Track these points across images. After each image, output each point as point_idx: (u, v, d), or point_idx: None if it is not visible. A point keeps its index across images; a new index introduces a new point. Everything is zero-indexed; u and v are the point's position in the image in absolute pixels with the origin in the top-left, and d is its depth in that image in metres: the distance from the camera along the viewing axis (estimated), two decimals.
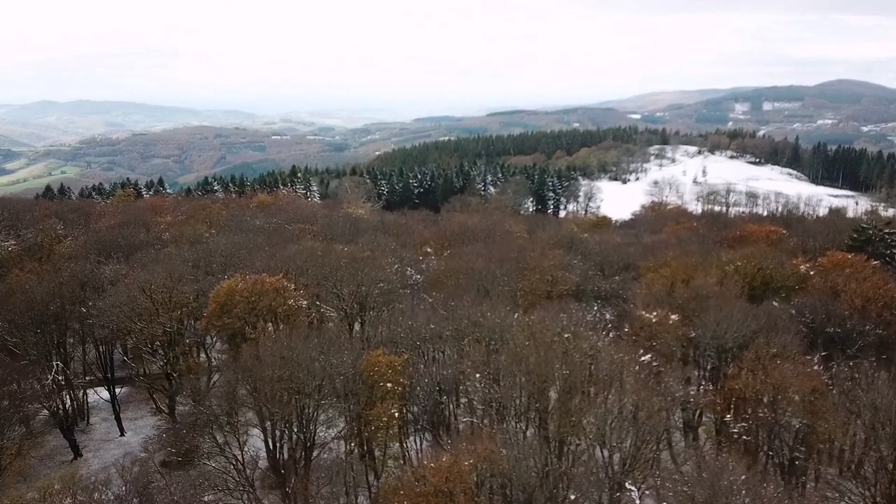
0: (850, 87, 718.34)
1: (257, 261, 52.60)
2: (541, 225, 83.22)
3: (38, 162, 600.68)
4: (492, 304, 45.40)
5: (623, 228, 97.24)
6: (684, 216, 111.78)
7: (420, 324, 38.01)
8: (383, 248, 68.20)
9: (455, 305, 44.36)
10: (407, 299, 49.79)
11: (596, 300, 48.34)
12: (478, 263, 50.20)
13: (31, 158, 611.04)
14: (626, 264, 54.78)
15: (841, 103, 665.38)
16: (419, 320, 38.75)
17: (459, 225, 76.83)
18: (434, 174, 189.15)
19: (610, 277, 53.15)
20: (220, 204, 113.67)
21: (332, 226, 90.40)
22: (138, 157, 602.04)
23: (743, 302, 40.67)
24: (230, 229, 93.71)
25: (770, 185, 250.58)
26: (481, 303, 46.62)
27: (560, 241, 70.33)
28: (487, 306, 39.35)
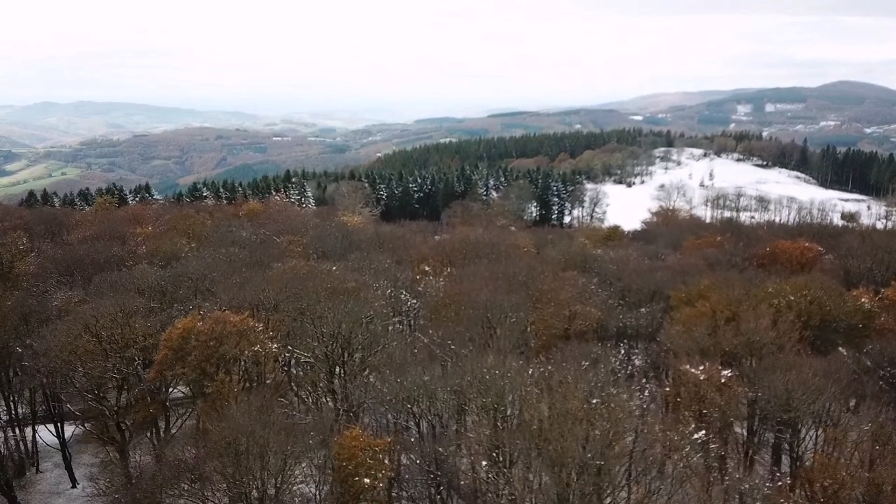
0: (853, 89, 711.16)
1: (224, 291, 44.98)
2: (549, 239, 75.76)
3: (39, 163, 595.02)
4: (498, 346, 37.91)
5: (636, 240, 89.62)
6: (701, 227, 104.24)
7: (411, 380, 30.59)
8: (376, 267, 60.81)
9: (455, 348, 36.91)
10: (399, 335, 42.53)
11: (621, 340, 41.03)
12: (482, 293, 42.67)
13: (32, 160, 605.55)
14: (653, 292, 47.33)
15: (843, 105, 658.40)
16: (410, 374, 31.31)
17: (461, 241, 69.29)
18: (434, 178, 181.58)
19: (634, 309, 45.71)
20: (206, 213, 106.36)
21: (323, 238, 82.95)
22: (139, 159, 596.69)
23: (808, 351, 33.28)
24: (213, 242, 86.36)
25: (779, 188, 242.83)
26: (487, 344, 39.13)
27: (572, 259, 62.82)
28: (494, 356, 31.87)
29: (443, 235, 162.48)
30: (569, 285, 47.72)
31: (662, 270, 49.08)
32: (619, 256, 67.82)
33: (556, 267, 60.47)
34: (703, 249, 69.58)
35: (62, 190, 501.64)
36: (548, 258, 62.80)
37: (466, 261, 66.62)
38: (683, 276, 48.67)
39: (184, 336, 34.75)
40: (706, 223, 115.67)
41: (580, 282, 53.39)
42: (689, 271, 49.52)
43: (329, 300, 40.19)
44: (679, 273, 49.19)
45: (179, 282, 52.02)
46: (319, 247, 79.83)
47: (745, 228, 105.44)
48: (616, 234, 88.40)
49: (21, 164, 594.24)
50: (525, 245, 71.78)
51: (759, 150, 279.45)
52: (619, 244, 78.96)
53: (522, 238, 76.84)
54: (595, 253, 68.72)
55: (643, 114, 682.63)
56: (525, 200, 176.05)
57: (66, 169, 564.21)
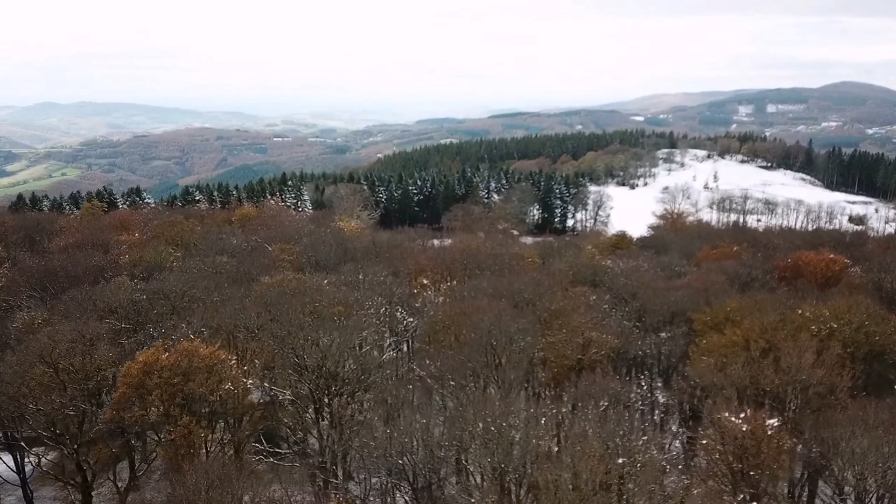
0: (855, 90, 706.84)
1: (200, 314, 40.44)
2: (555, 248, 71.15)
3: (39, 164, 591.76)
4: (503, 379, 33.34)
5: (645, 248, 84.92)
6: (712, 234, 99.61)
7: (404, 427, 26.05)
8: (370, 280, 56.24)
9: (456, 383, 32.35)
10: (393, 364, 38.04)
11: (640, 369, 36.53)
12: (485, 316, 38.06)
13: (32, 160, 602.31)
14: (672, 313, 42.75)
15: (845, 106, 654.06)
16: (404, 418, 26.77)
17: (462, 251, 64.69)
18: (435, 180, 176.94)
19: (653, 332, 41.12)
20: (197, 218, 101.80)
21: (317, 246, 78.39)
22: (139, 159, 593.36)
23: (860, 392, 28.76)
24: (202, 250, 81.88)
25: (784, 190, 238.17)
26: (491, 377, 34.57)
27: (580, 272, 58.32)
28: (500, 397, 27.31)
29: (443, 240, 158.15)
30: (580, 304, 43.16)
31: (683, 289, 44.32)
32: (629, 268, 63.24)
33: (563, 281, 55.99)
34: (720, 261, 64.99)
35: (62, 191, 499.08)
36: (554, 271, 58.29)
37: (467, 272, 62.13)
38: (706, 294, 44.07)
39: (145, 371, 30.25)
40: (716, 229, 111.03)
41: (591, 299, 48.95)
42: (712, 289, 44.89)
43: (314, 326, 35.67)
44: (701, 292, 44.57)
45: (155, 299, 47.52)
46: (313, 255, 75.31)
47: (759, 235, 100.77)
48: (624, 242, 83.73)
49: (21, 165, 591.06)
50: (529, 256, 67.22)
51: (764, 152, 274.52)
52: (628, 253, 74.28)
53: (527, 248, 72.23)
54: (605, 264, 64.17)
55: (644, 114, 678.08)
56: (527, 203, 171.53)
57: (66, 169, 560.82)
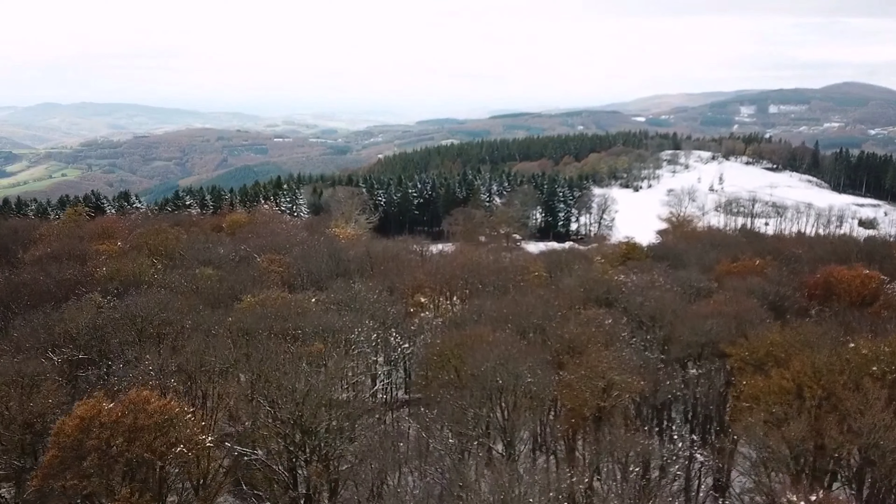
0: (857, 90, 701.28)
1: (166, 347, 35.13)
2: (563, 260, 65.72)
3: (40, 164, 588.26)
4: (512, 438, 27.97)
5: (657, 259, 79.43)
6: (725, 242, 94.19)
7: None
8: (362, 298, 50.85)
9: (455, 442, 26.97)
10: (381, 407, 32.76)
11: (670, 416, 31.20)
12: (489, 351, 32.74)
13: (32, 161, 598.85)
14: (702, 343, 37.40)
15: (847, 106, 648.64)
16: None
17: (462, 265, 59.32)
18: (435, 183, 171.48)
19: (681, 368, 35.79)
20: (185, 225, 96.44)
21: (309, 257, 73.03)
22: (140, 160, 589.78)
23: None
24: (187, 261, 76.61)
25: (791, 192, 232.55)
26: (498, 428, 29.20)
27: (593, 289, 52.95)
28: (507, 463, 22.00)
29: (443, 247, 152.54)
30: (596, 333, 37.82)
31: (713, 317, 38.77)
32: (645, 283, 57.85)
33: (574, 300, 50.65)
34: (743, 276, 59.62)
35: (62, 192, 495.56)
36: (564, 288, 52.92)
37: (469, 288, 56.89)
38: (739, 321, 38.75)
39: (82, 428, 25.02)
40: (730, 236, 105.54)
41: (607, 322, 43.60)
42: (745, 315, 39.52)
43: (290, 365, 30.35)
44: (732, 318, 39.20)
45: (120, 324, 42.20)
46: (304, 267, 70.02)
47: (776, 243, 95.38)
48: (635, 252, 78.25)
49: (21, 165, 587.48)
50: (535, 269, 61.88)
51: (769, 153, 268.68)
52: (640, 266, 68.83)
53: (531, 259, 66.86)
54: (618, 279, 58.76)
55: (646, 115, 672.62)
56: (530, 207, 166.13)
57: (67, 170, 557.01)
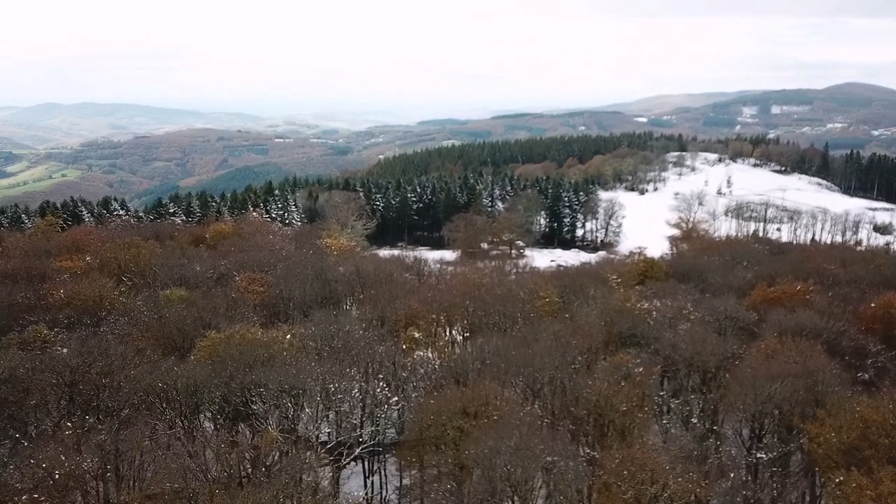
0: (859, 91, 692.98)
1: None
2: (576, 284, 57.55)
3: (40, 165, 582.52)
4: None
5: (678, 277, 71.37)
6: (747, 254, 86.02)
7: None
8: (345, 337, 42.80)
9: None
10: None
11: None
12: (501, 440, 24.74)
13: (33, 161, 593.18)
14: (764, 412, 29.26)
15: (850, 107, 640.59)
16: None
17: (462, 292, 51.24)
18: (435, 187, 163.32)
19: (744, 448, 27.82)
20: (163, 237, 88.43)
21: (293, 276, 65.03)
22: (140, 160, 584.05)
23: None
24: (160, 279, 68.69)
25: (800, 196, 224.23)
26: None
27: (615, 324, 44.93)
28: None
29: (443, 253, 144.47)
30: (630, 394, 29.84)
31: (778, 378, 30.32)
32: (672, 312, 49.86)
33: (596, 339, 42.63)
34: (783, 302, 51.59)
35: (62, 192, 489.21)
36: (581, 321, 44.83)
37: (471, 319, 48.84)
38: (811, 383, 30.63)
39: None
40: (750, 246, 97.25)
41: (637, 370, 35.65)
42: (818, 375, 31.32)
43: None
44: (801, 378, 30.97)
45: (41, 380, 34.01)
46: (286, 288, 62.00)
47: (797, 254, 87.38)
48: (654, 269, 70.18)
49: (22, 166, 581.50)
50: (546, 294, 53.80)
51: (778, 155, 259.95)
52: (663, 289, 60.81)
53: (542, 282, 58.73)
54: (643, 307, 50.70)
55: (647, 115, 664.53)
56: (533, 212, 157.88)
57: (67, 170, 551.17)
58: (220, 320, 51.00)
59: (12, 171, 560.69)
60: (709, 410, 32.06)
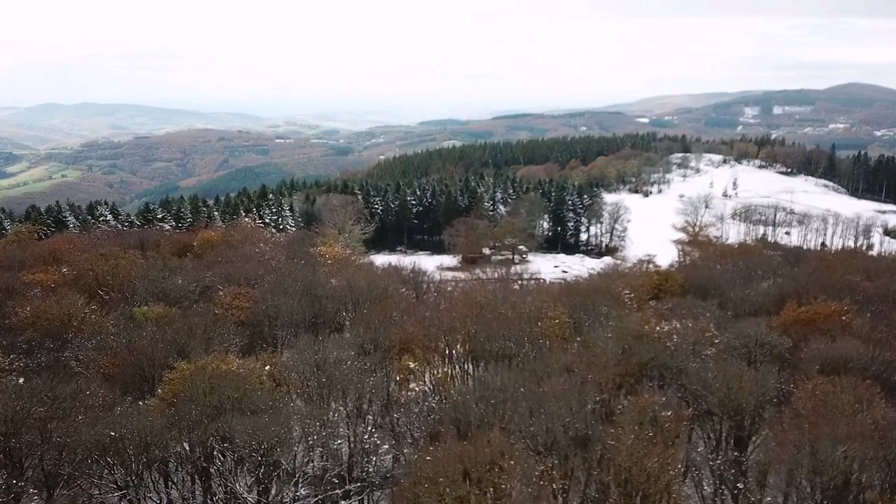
0: (861, 91, 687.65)
1: None
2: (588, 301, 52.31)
3: (40, 165, 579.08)
4: None
5: (693, 290, 66.23)
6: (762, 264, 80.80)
7: None
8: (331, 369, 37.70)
9: None
10: None
11: None
12: None
13: (33, 161, 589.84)
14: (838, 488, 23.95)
15: (852, 107, 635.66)
16: None
17: (464, 315, 46.06)
18: (435, 190, 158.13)
19: None
20: (149, 245, 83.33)
21: (281, 291, 59.94)
22: (140, 161, 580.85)
23: None
24: (139, 294, 63.59)
25: (807, 198, 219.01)
26: None
27: (634, 352, 39.80)
28: None
29: (443, 258, 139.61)
30: (664, 455, 24.82)
31: (848, 440, 24.97)
32: (695, 335, 44.68)
33: (613, 374, 37.50)
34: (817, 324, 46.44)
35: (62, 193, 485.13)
36: (598, 353, 39.66)
37: (472, 344, 43.72)
38: (882, 441, 25.45)
39: None
40: (765, 254, 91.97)
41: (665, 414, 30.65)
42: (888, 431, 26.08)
43: None
44: (869, 438, 25.60)
45: None
46: (273, 305, 56.84)
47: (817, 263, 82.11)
48: (668, 282, 65.02)
49: (22, 166, 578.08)
50: (556, 315, 48.63)
51: (783, 157, 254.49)
52: (681, 306, 55.66)
53: (550, 298, 53.53)
54: (662, 330, 45.49)
55: (649, 116, 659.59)
56: (536, 216, 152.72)
57: (67, 171, 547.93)
58: (196, 344, 45.94)
59: (12, 171, 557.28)
60: (753, 473, 26.93)
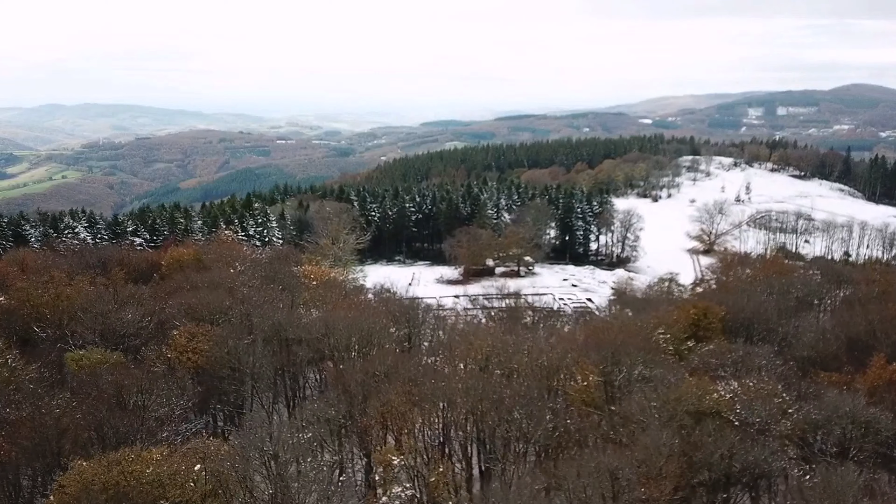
0: (866, 92, 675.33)
1: None
2: (619, 353, 41.36)
3: (40, 166, 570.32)
4: None
5: (735, 327, 55.25)
6: (814, 289, 69.89)
7: None
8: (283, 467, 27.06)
9: None
10: None
11: None
12: None
13: (33, 162, 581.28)
14: None
15: (857, 108, 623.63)
16: None
17: (467, 388, 34.86)
18: (436, 197, 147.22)
19: None
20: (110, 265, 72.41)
21: (244, 330, 49.10)
22: (141, 162, 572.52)
23: None
24: (78, 333, 52.83)
25: (823, 203, 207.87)
26: None
27: (697, 444, 29.00)
28: None
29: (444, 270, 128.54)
30: None
31: None
32: (760, 400, 33.80)
33: (674, 482, 26.59)
34: None
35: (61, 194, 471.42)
36: (648, 450, 28.76)
37: (480, 426, 32.88)
38: None
39: None
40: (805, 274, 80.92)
41: None
42: None
43: None
44: None
45: None
46: (234, 352, 45.99)
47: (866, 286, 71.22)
48: (708, 318, 54.01)
49: (22, 167, 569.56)
50: (585, 377, 37.75)
51: (797, 160, 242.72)
52: (728, 354, 44.76)
53: (573, 348, 42.56)
54: (721, 398, 34.53)
55: (652, 117, 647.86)
56: (543, 224, 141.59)
57: (68, 172, 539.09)
58: (123, 417, 35.28)
59: (13, 172, 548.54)
60: None
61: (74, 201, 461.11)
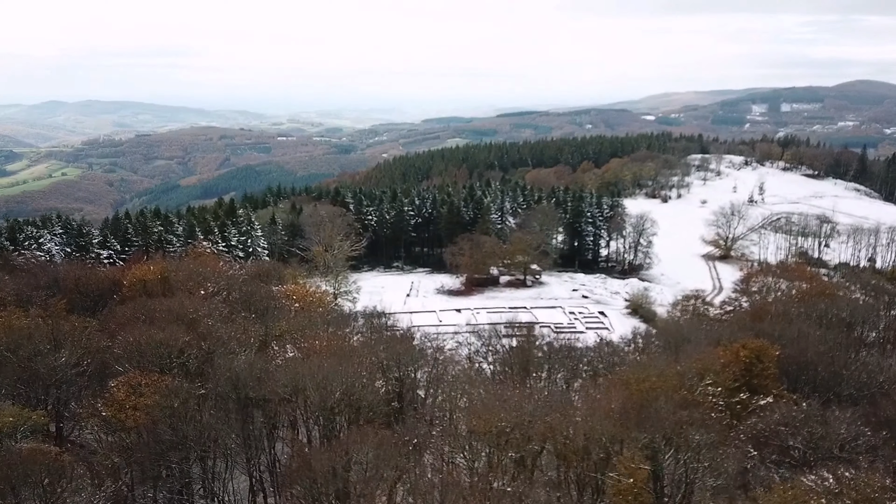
0: (871, 88, 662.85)
1: None
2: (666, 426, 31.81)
3: (40, 163, 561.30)
4: None
5: (794, 373, 45.48)
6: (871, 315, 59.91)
7: None
8: None
9: None
10: None
11: None
12: None
13: (33, 160, 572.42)
14: None
15: (862, 105, 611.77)
16: None
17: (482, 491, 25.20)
18: (436, 200, 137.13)
19: None
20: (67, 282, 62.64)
21: (199, 378, 39.41)
22: (141, 159, 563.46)
23: None
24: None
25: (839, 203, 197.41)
26: None
27: None
28: None
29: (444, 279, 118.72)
30: None
31: None
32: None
33: None
34: None
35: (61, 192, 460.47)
36: None
37: None
38: None
39: None
40: (854, 299, 70.97)
41: None
42: None
43: None
44: None
45: None
46: (181, 415, 36.29)
47: None
48: (764, 362, 44.25)
49: (22, 164, 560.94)
50: (630, 470, 28.04)
51: (810, 158, 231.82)
52: (793, 414, 35.06)
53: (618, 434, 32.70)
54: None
55: (655, 113, 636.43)
56: (550, 228, 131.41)
57: (67, 169, 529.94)
58: None
59: (12, 169, 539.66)
60: None
61: (74, 199, 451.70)
